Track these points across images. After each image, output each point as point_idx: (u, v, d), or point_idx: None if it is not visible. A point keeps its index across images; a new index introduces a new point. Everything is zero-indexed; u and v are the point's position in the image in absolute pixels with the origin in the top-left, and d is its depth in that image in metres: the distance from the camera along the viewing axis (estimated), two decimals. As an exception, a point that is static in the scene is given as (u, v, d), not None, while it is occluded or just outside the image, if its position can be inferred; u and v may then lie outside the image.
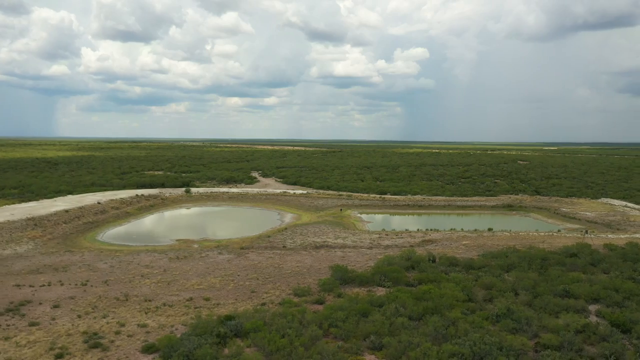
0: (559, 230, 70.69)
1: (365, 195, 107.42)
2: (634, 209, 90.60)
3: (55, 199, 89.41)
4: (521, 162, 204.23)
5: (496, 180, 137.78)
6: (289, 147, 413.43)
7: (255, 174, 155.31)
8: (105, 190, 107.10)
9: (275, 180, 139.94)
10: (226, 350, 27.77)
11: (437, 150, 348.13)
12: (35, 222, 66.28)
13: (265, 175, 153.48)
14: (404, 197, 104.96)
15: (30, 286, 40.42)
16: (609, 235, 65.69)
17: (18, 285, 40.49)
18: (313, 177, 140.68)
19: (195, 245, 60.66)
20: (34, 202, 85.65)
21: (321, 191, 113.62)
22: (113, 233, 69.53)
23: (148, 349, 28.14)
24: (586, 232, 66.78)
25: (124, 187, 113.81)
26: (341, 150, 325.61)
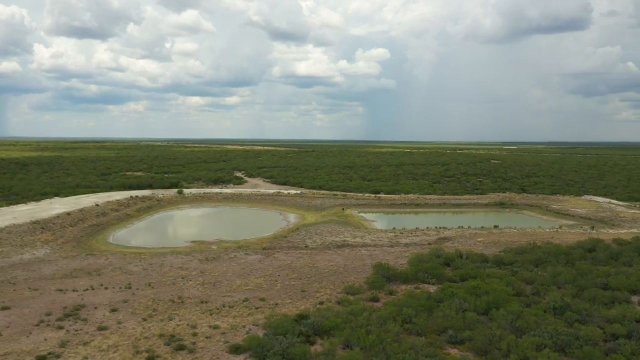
0: (560, 227, 73.75)
1: (360, 194, 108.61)
2: (619, 205, 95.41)
3: (50, 201, 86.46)
4: (494, 162, 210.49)
5: (480, 179, 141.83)
6: (260, 147, 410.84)
7: (239, 174, 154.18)
8: (92, 191, 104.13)
9: (263, 181, 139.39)
10: (317, 348, 28.09)
11: (409, 150, 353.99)
12: (41, 226, 64.10)
13: (250, 176, 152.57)
14: (399, 196, 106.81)
15: (74, 290, 39.38)
16: (610, 231, 69.12)
17: (61, 290, 39.37)
18: (301, 177, 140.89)
19: (214, 247, 60.15)
20: (24, 204, 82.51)
21: (314, 191, 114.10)
22: (122, 235, 68.02)
23: (236, 350, 28.15)
24: (592, 228, 70.04)
25: (110, 189, 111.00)
26: (314, 150, 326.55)
